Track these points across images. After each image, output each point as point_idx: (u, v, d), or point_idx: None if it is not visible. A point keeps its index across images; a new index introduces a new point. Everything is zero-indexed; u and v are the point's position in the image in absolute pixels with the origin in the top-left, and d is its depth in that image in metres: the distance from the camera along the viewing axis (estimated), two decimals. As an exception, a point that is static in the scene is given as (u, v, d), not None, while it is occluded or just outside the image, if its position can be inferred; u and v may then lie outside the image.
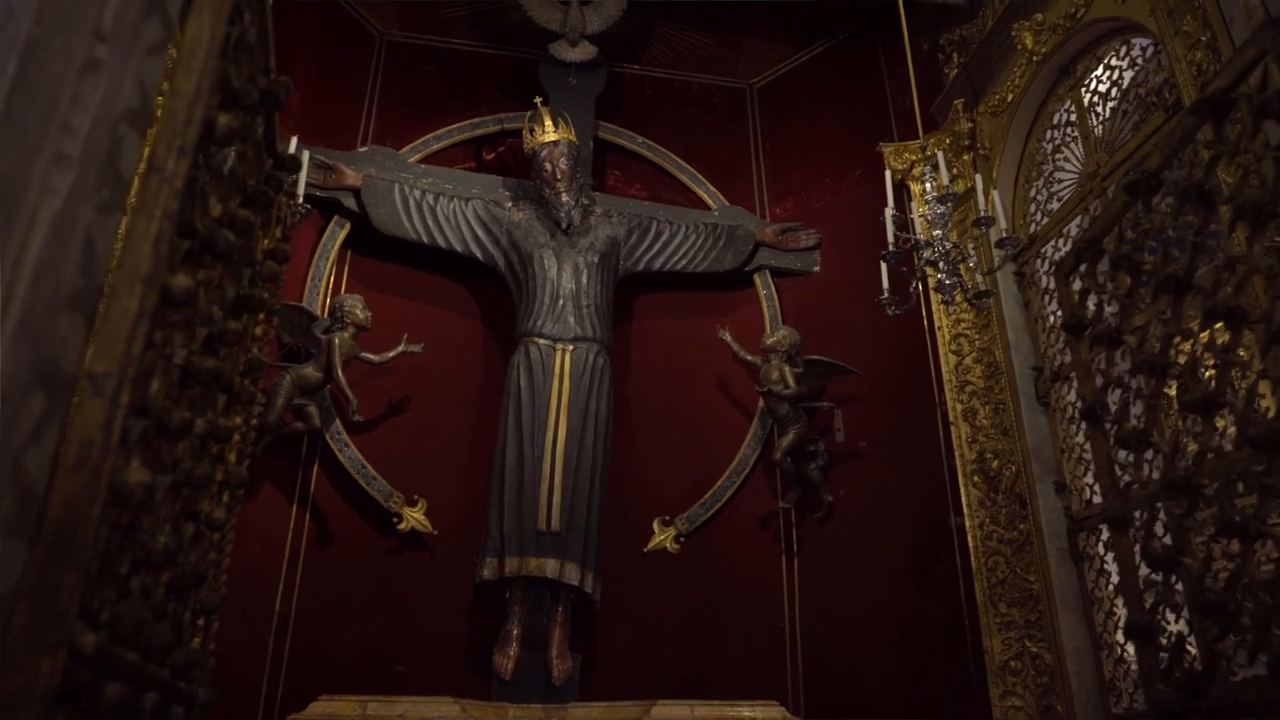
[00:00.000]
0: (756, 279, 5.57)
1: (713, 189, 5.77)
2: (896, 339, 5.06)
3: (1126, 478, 1.89)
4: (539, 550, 4.35)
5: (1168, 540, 1.77)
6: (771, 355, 5.06)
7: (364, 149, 5.30)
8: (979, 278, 4.38)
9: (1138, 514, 1.86)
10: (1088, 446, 3.87)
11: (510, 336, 4.98)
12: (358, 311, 4.63)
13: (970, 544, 4.52)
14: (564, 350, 4.80)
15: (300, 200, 3.85)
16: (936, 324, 4.98)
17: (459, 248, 5.10)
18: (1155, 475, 1.87)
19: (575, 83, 5.57)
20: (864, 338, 5.20)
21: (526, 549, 4.36)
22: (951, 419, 4.76)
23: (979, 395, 4.78)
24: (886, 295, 4.28)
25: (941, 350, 4.96)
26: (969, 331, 4.91)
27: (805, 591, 4.98)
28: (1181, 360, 1.73)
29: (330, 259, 5.02)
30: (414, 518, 4.62)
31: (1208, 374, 1.67)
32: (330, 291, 4.97)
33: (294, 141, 4.01)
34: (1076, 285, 2.08)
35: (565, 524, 4.43)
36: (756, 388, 5.05)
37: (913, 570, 4.82)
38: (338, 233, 5.07)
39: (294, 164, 1.73)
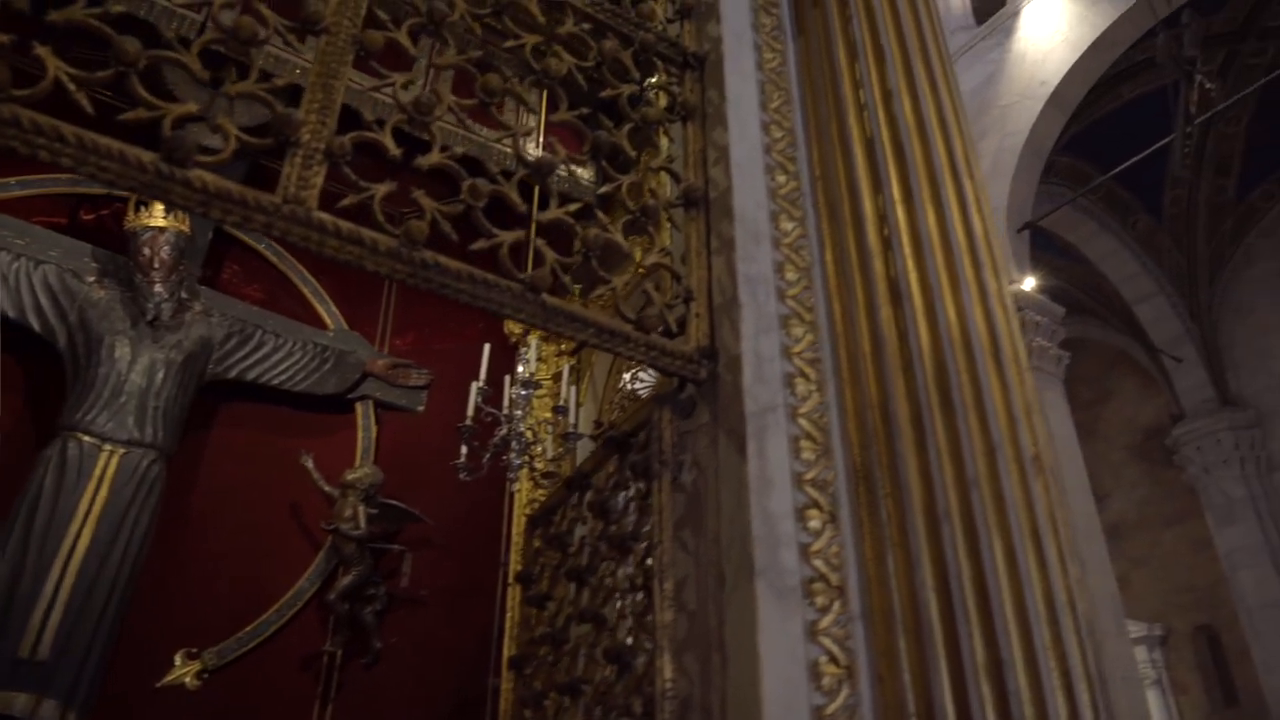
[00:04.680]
0: (358, 408, 5.54)
1: (334, 309, 5.71)
2: (479, 493, 5.27)
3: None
4: (10, 682, 3.79)
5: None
6: (349, 491, 5.02)
7: (-84, 176, 4.55)
8: (548, 459, 4.78)
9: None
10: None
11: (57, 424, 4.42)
12: None
13: (502, 706, 4.71)
14: (112, 453, 4.36)
15: None
16: (516, 486, 5.29)
17: (12, 313, 4.49)
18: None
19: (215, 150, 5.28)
20: (451, 485, 5.32)
21: (-6, 679, 3.78)
22: (510, 580, 5.02)
23: (540, 560, 5.10)
24: (461, 461, 4.50)
25: (516, 512, 5.26)
26: (541, 498, 5.26)
27: (334, 740, 4.83)
28: (571, 642, 2.04)
29: None
30: None
31: (582, 663, 1.98)
32: None
33: None
34: (536, 543, 2.38)
35: (58, 652, 3.92)
36: (323, 525, 4.95)
37: (446, 725, 4.91)
38: None
39: None
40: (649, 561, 1.81)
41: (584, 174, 5.59)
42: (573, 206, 1.90)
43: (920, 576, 1.69)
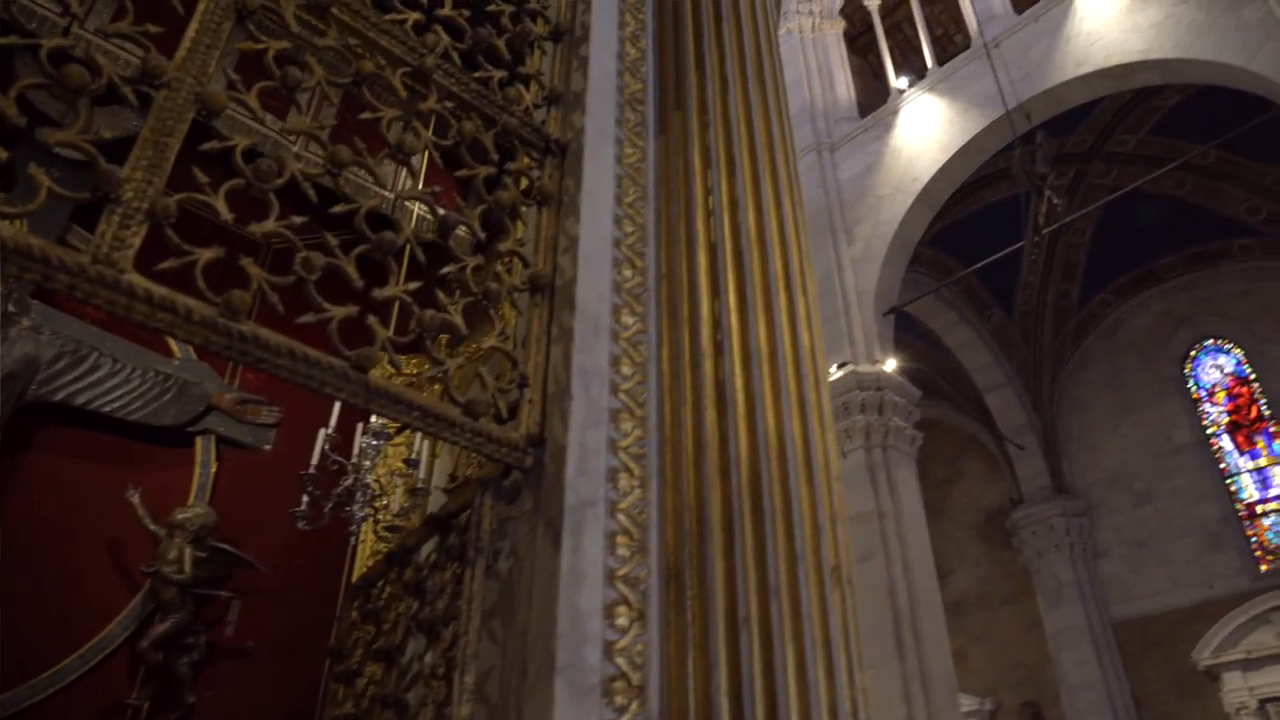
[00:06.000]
0: (199, 442, 5.25)
1: (185, 336, 5.41)
2: (320, 543, 5.06)
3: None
4: None
5: None
6: (177, 532, 4.72)
7: None
8: (394, 514, 4.65)
9: None
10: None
11: None
12: None
13: (315, 775, 4.48)
14: (-96, 476, 3.97)
15: None
16: (362, 537, 5.11)
17: None
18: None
19: (58, 175, 4.97)
20: (291, 533, 5.06)
21: None
22: (344, 635, 4.81)
23: (379, 614, 4.92)
24: (301, 509, 4.33)
25: (359, 561, 5.07)
26: (386, 548, 5.10)
27: (130, 803, 4.46)
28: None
29: None
30: None
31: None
32: None
33: None
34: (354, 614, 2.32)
35: None
36: (143, 566, 4.64)
37: (258, 788, 4.62)
38: None
39: None
40: (453, 651, 1.79)
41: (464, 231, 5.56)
42: (413, 285, 1.89)
43: (716, 680, 1.73)
